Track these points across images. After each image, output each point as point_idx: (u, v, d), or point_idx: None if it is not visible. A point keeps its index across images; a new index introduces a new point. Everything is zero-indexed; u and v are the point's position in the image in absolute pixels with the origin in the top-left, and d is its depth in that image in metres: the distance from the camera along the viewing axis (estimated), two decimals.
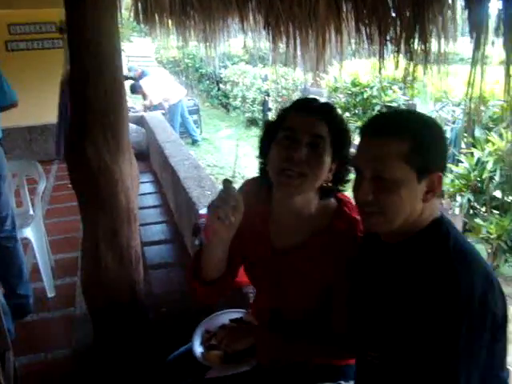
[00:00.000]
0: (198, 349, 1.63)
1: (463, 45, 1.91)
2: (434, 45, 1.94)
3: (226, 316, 1.79)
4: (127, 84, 9.47)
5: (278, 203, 1.55)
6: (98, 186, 2.20)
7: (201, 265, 1.56)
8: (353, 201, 1.55)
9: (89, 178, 2.19)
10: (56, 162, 6.75)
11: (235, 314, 1.81)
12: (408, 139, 1.17)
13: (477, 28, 1.57)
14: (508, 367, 1.23)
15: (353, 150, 1.53)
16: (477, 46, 1.65)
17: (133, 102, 10.10)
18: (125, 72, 8.86)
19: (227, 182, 1.37)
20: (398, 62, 2.48)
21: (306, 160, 1.38)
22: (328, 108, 1.48)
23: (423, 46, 1.95)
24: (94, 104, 2.11)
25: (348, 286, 1.43)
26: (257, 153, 1.59)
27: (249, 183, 1.68)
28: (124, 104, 2.26)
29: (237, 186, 1.51)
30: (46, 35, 6.89)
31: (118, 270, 2.37)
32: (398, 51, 2.31)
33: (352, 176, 1.53)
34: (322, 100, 1.57)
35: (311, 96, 9.45)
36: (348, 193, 1.54)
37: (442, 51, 2.30)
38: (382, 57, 2.57)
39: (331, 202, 1.54)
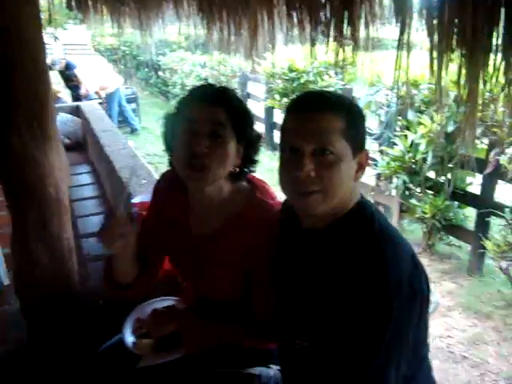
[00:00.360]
0: (129, 338, 1.62)
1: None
2: (363, 30, 1.98)
3: (158, 304, 1.78)
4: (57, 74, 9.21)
5: (192, 193, 1.56)
6: (24, 176, 2.12)
7: (112, 272, 1.59)
8: (266, 183, 1.58)
9: (14, 169, 2.11)
10: None
11: (167, 301, 1.80)
12: (344, 115, 1.18)
13: (402, 12, 1.61)
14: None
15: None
16: (402, 31, 1.69)
17: (68, 95, 9.78)
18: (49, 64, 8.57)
19: (114, 213, 1.41)
20: (328, 47, 2.51)
21: (208, 152, 1.37)
22: (224, 93, 1.47)
23: (353, 31, 1.98)
24: (16, 93, 2.02)
25: (266, 273, 1.44)
26: None
27: (165, 175, 1.69)
28: (49, 93, 2.17)
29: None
30: None
31: (49, 263, 2.29)
32: (329, 36, 2.34)
33: (260, 156, 1.56)
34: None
35: (250, 82, 9.54)
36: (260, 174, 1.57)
37: (371, 36, 2.34)
38: (313, 42, 2.60)
39: (244, 186, 1.55)
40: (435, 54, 1.61)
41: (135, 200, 2.77)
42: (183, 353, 1.53)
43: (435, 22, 1.45)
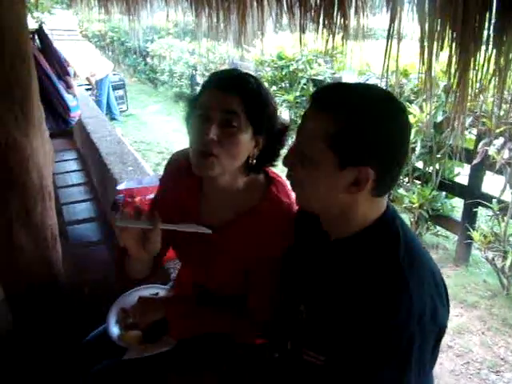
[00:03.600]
0: (114, 329, 1.58)
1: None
2: (353, 18, 1.96)
3: (143, 292, 1.73)
4: None
5: (205, 180, 1.49)
6: (7, 162, 2.08)
7: (125, 267, 1.52)
8: (285, 181, 1.47)
9: None
10: None
11: (153, 289, 1.75)
12: (340, 120, 1.05)
13: (393, 0, 1.59)
14: None
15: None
16: (392, 20, 1.67)
17: None
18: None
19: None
20: (318, 35, 2.48)
21: (218, 140, 1.30)
22: (242, 80, 1.36)
23: (342, 19, 1.96)
24: None
25: (269, 274, 1.41)
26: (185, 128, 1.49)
27: (178, 155, 1.59)
28: (33, 78, 2.13)
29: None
30: None
31: (33, 250, 2.27)
32: (318, 24, 2.31)
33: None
34: (246, 71, 1.48)
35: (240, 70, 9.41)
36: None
37: (361, 25, 2.32)
38: (302, 29, 2.57)
39: (260, 179, 1.49)
40: (426, 43, 1.59)
41: (121, 187, 2.74)
42: (171, 346, 1.50)
43: (426, 9, 1.43)
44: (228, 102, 1.31)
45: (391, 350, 1.02)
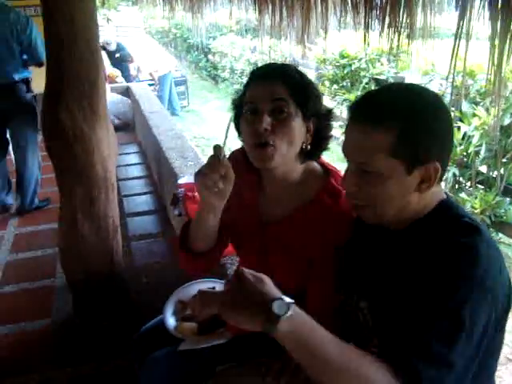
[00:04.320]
0: (171, 320, 1.60)
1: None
2: (419, 17, 1.91)
3: (201, 285, 1.71)
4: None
5: (264, 174, 1.49)
6: (74, 154, 2.16)
7: (189, 235, 1.51)
8: (338, 171, 1.48)
9: (64, 147, 2.15)
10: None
11: (210, 283, 1.75)
12: (395, 128, 1.03)
13: (462, 0, 1.55)
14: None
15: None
16: (461, 18, 1.62)
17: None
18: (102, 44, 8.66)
19: (218, 148, 1.28)
20: (383, 33, 2.44)
21: (272, 129, 1.31)
22: (283, 68, 1.39)
23: (408, 18, 1.92)
24: (68, 72, 2.05)
25: (329, 267, 1.37)
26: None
27: (238, 153, 1.60)
28: (100, 72, 2.20)
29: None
30: (28, 2, 6.70)
31: (95, 240, 2.34)
32: (384, 22, 2.27)
33: (334, 132, 1.49)
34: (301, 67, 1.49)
35: (300, 68, 9.39)
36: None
37: (428, 23, 2.27)
38: (367, 28, 2.53)
39: (318, 171, 1.48)
40: (497, 41, 1.54)
41: (181, 181, 2.79)
42: (227, 339, 1.50)
43: (499, 6, 1.38)
44: (274, 90, 1.33)
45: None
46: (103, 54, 8.87)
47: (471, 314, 0.96)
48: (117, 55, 9.35)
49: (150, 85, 8.83)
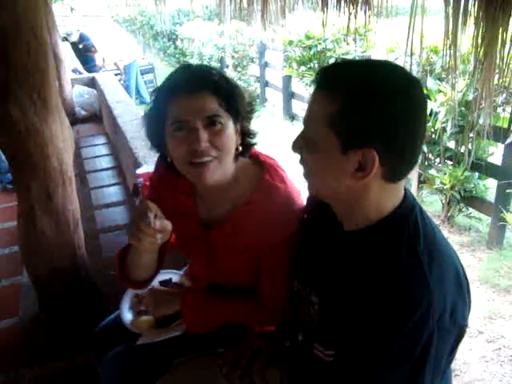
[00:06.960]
0: (127, 315, 1.58)
1: None
2: None
3: (159, 277, 1.71)
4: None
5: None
6: (27, 148, 2.08)
7: (127, 268, 1.50)
8: (275, 161, 1.46)
9: (17, 141, 2.07)
10: None
11: (165, 275, 1.73)
12: (338, 100, 0.98)
13: None
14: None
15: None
16: None
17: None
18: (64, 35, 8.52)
19: (141, 202, 1.29)
20: (340, 12, 2.42)
21: (210, 144, 1.27)
22: (208, 75, 1.31)
23: None
24: (15, 63, 1.96)
25: (279, 260, 1.38)
26: None
27: (160, 166, 1.56)
28: (50, 63, 2.10)
29: None
30: None
31: (55, 235, 2.28)
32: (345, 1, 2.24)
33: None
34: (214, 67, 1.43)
35: (268, 51, 9.38)
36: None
37: (389, 1, 2.25)
38: (325, 7, 2.50)
39: (251, 166, 1.45)
40: (451, 16, 1.52)
41: (139, 171, 2.73)
42: (183, 330, 1.49)
43: None
44: (206, 104, 1.27)
45: (406, 350, 0.97)
46: (67, 45, 8.80)
47: (435, 360, 0.98)
48: (80, 46, 9.19)
49: (116, 75, 8.69)
